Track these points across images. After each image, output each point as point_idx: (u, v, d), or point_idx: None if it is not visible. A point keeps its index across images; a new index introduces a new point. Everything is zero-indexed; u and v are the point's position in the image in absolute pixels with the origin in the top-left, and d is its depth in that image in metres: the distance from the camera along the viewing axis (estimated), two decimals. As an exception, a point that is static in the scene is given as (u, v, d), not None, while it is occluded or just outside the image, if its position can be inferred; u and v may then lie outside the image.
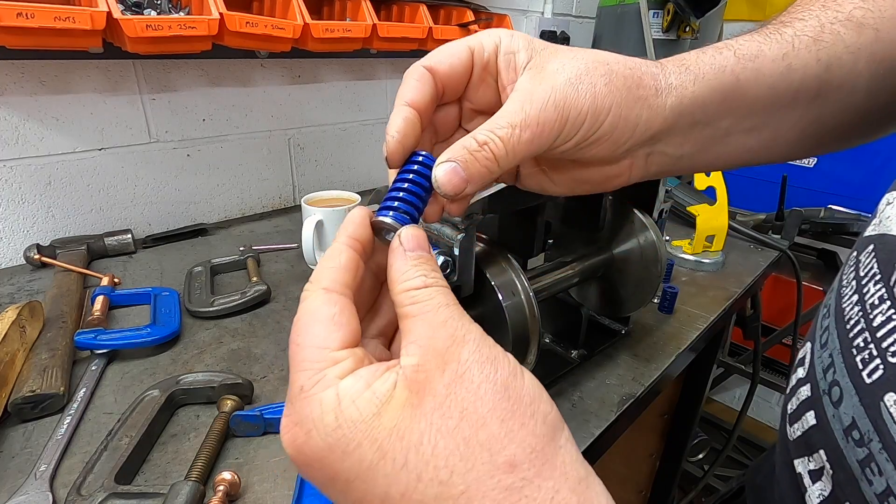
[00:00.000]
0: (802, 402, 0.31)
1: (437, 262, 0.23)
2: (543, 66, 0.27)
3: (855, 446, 0.25)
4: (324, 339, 0.21)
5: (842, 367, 0.28)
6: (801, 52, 0.31)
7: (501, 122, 0.25)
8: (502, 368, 0.20)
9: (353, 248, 0.24)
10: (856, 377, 0.26)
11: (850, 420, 0.26)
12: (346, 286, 0.22)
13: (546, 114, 0.25)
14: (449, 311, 0.21)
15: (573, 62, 0.27)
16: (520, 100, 0.26)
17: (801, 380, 0.33)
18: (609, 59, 0.28)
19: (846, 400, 0.27)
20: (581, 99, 0.26)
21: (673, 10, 1.20)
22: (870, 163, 1.20)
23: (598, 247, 0.55)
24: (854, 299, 0.28)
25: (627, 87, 0.27)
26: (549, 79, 0.26)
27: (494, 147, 0.25)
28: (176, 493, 0.36)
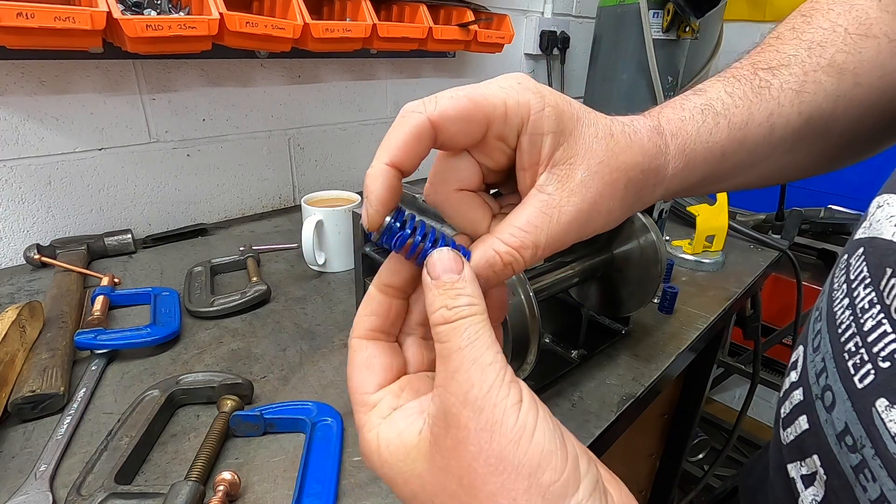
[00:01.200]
0: (795, 407, 0.31)
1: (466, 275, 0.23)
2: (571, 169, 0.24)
3: (848, 452, 0.25)
4: (361, 385, 0.24)
5: (834, 371, 0.27)
6: (784, 108, 0.32)
7: (528, 242, 0.24)
8: (501, 435, 0.19)
9: (383, 293, 0.25)
10: (848, 382, 0.26)
11: (842, 425, 0.26)
12: (375, 330, 0.25)
13: (568, 237, 0.25)
14: (461, 357, 0.21)
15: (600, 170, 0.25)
16: (547, 216, 0.24)
17: (793, 383, 0.32)
18: (630, 163, 0.26)
19: (839, 405, 0.26)
20: (599, 220, 0.26)
21: (673, 10, 1.20)
22: (870, 163, 1.19)
23: (598, 247, 0.55)
24: (845, 303, 0.28)
25: (636, 195, 0.27)
26: (577, 195, 0.24)
27: (517, 266, 0.24)
28: (176, 493, 0.36)
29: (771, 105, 0.31)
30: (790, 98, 0.32)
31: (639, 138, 0.27)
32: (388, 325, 0.25)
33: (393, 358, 0.25)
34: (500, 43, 1.14)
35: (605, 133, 0.25)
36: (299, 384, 0.52)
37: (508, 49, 1.29)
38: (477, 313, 0.22)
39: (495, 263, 0.24)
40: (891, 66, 0.32)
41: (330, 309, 0.67)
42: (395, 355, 0.25)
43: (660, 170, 0.28)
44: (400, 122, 0.23)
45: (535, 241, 0.24)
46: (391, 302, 0.25)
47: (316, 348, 0.58)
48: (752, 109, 0.31)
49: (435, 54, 1.22)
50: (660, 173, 0.28)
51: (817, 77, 0.32)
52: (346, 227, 0.74)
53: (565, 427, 0.21)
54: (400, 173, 0.24)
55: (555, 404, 0.50)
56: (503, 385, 0.20)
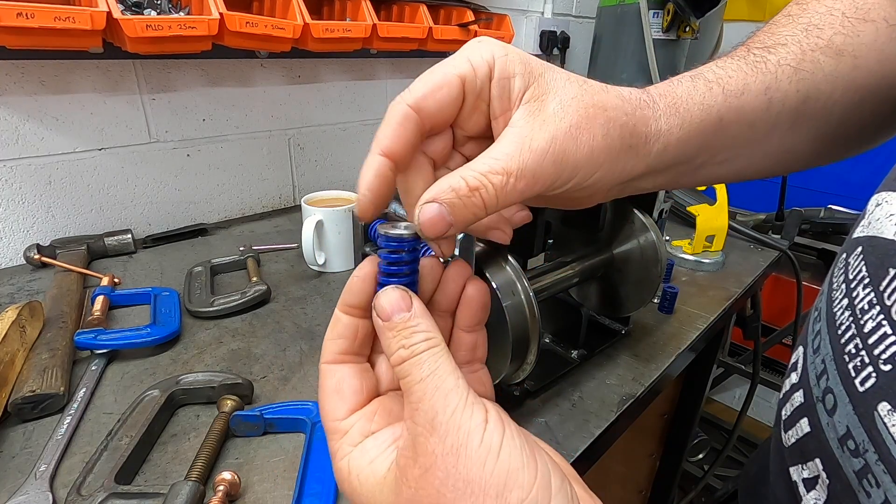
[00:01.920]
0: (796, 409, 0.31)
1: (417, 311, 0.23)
2: (543, 104, 0.24)
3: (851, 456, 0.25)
4: (332, 411, 0.24)
5: (835, 373, 0.27)
6: (782, 83, 0.31)
7: (496, 167, 0.23)
8: (467, 457, 0.19)
9: (348, 314, 0.25)
10: (849, 385, 0.25)
11: (844, 429, 0.25)
12: (343, 353, 0.25)
13: (544, 167, 0.24)
14: (423, 387, 0.21)
15: (573, 104, 0.25)
16: (517, 143, 0.24)
17: (794, 385, 0.32)
18: (607, 103, 0.26)
19: (840, 408, 0.26)
20: (579, 153, 0.25)
21: (673, 10, 1.20)
22: (870, 163, 1.20)
23: (598, 247, 0.55)
24: (844, 303, 0.28)
25: (621, 138, 0.26)
26: (550, 124, 0.24)
27: (485, 194, 0.23)
28: (176, 493, 0.36)
29: (768, 78, 0.31)
30: (787, 74, 0.31)
31: (615, 89, 0.27)
32: (357, 346, 0.25)
33: (363, 380, 0.25)
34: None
35: (576, 79, 0.26)
36: (299, 384, 0.52)
37: (508, 49, 1.29)
38: (433, 346, 0.22)
39: (459, 188, 0.23)
40: (889, 51, 0.31)
41: (330, 309, 0.67)
42: (366, 376, 0.25)
43: (649, 120, 0.27)
44: (386, 116, 0.24)
45: (506, 168, 0.23)
46: (357, 323, 0.25)
47: (316, 348, 0.58)
48: (747, 80, 0.31)
49: (435, 54, 1.22)
50: (650, 124, 0.28)
51: (815, 57, 0.31)
52: (346, 227, 0.74)
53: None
54: (392, 163, 0.24)
55: (555, 404, 0.50)
56: (466, 407, 0.20)
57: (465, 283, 0.26)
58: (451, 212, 0.23)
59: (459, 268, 0.26)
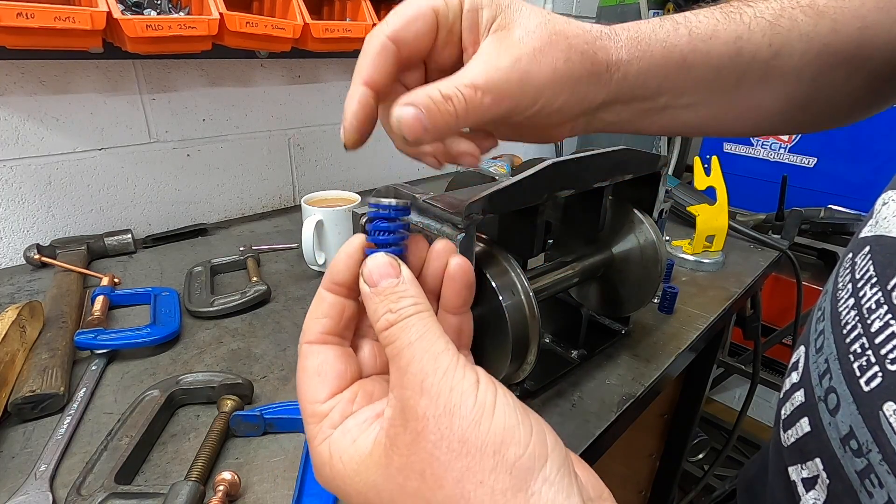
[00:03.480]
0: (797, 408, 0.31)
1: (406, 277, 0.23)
2: (509, 31, 0.26)
3: (853, 456, 0.25)
4: (312, 393, 0.23)
5: (838, 373, 0.27)
6: (754, 34, 0.31)
7: (465, 81, 0.25)
8: (461, 418, 0.19)
9: (332, 292, 0.24)
10: (853, 384, 0.25)
11: (847, 429, 0.25)
12: (326, 333, 0.24)
13: (509, 84, 0.26)
14: (412, 351, 0.20)
15: (537, 31, 0.26)
16: (484, 63, 0.26)
17: (795, 385, 0.32)
18: (569, 31, 0.28)
19: (843, 408, 0.26)
20: (542, 75, 0.26)
21: (673, 10, 1.20)
22: (870, 163, 1.20)
23: (598, 247, 0.55)
24: (850, 303, 0.28)
25: (582, 64, 0.28)
26: (515, 48, 0.26)
27: (457, 102, 0.25)
28: (176, 493, 0.36)
29: (740, 28, 0.31)
30: (762, 27, 0.31)
31: (577, 22, 0.29)
32: (341, 327, 0.24)
33: (347, 364, 0.24)
34: (500, 43, 1.14)
35: (540, 11, 0.28)
36: (299, 384, 0.52)
37: (508, 49, 1.29)
38: (422, 311, 0.22)
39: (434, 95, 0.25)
40: (871, 20, 0.31)
41: (330, 309, 0.67)
42: (350, 361, 0.24)
43: (609, 49, 0.29)
44: (364, 48, 0.26)
45: (474, 82, 0.25)
46: (343, 303, 0.24)
47: (316, 348, 0.58)
48: (717, 27, 0.31)
49: (435, 54, 1.22)
50: (610, 53, 0.29)
51: (794, 14, 0.32)
52: (346, 227, 0.74)
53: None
54: (374, 93, 0.26)
55: (555, 404, 0.50)
56: (458, 368, 0.20)
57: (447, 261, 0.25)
58: (427, 116, 0.24)
59: (444, 245, 0.25)
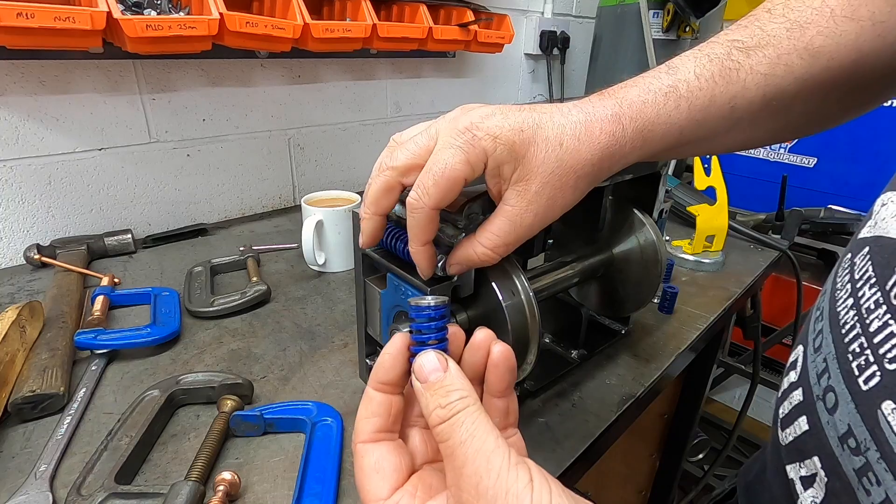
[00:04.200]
0: (795, 407, 0.31)
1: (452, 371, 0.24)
2: (528, 184, 0.30)
3: (851, 454, 0.25)
4: (375, 491, 0.24)
5: (837, 372, 0.27)
6: (749, 91, 0.33)
7: (499, 242, 0.32)
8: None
9: (379, 391, 0.26)
10: (851, 384, 0.26)
11: (845, 427, 0.25)
12: (378, 431, 0.26)
13: (530, 233, 0.32)
14: (465, 451, 0.22)
15: (551, 180, 0.30)
16: (512, 222, 0.31)
17: (793, 384, 0.32)
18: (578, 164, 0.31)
19: (841, 407, 0.26)
20: (555, 213, 0.32)
21: (673, 10, 1.20)
22: (870, 163, 1.20)
23: (598, 247, 0.55)
24: (849, 303, 0.28)
25: (589, 183, 0.32)
26: (534, 203, 0.31)
27: (490, 260, 0.32)
28: (176, 493, 0.36)
29: (736, 88, 0.33)
30: (756, 81, 0.33)
31: (589, 136, 0.31)
32: (391, 423, 0.26)
33: (401, 457, 0.25)
34: (500, 43, 1.14)
35: (554, 146, 0.30)
36: (299, 384, 0.52)
37: (508, 49, 1.29)
38: (469, 405, 0.23)
39: (472, 259, 0.33)
40: (867, 49, 0.32)
41: (330, 309, 0.67)
42: (403, 454, 0.26)
43: (615, 154, 0.32)
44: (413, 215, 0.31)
45: (506, 242, 0.32)
46: (391, 399, 0.26)
47: (316, 348, 0.58)
48: (714, 92, 0.33)
49: (435, 54, 1.22)
50: (615, 156, 0.32)
51: (789, 60, 0.32)
52: (346, 227, 0.74)
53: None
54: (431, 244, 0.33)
55: (555, 404, 0.50)
56: (510, 469, 0.21)
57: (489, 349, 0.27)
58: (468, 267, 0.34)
59: (485, 335, 0.27)
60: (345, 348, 0.59)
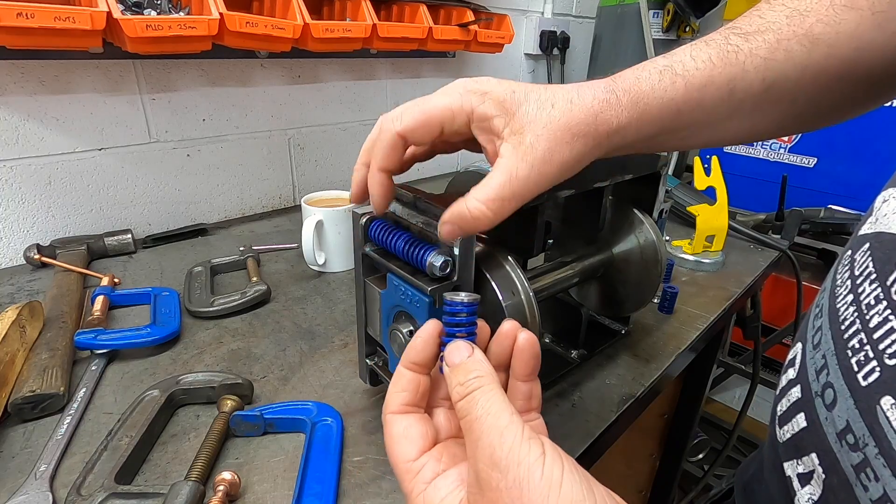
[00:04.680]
0: (793, 404, 0.31)
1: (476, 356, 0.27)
2: (521, 137, 0.30)
3: (850, 451, 0.25)
4: (404, 454, 0.27)
5: (836, 368, 0.27)
6: (748, 73, 0.33)
7: (492, 195, 0.30)
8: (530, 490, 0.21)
9: (409, 370, 0.29)
10: (851, 379, 0.26)
11: (844, 423, 0.25)
12: (407, 404, 0.28)
13: (527, 188, 0.31)
14: (480, 425, 0.24)
15: (545, 132, 0.30)
16: (507, 175, 0.30)
17: (791, 381, 0.32)
18: (572, 122, 0.31)
19: (840, 402, 0.26)
20: (553, 170, 0.31)
21: (673, 10, 1.20)
22: (870, 163, 1.19)
23: (598, 247, 0.55)
24: (849, 299, 0.28)
25: (585, 145, 0.31)
26: (529, 154, 0.30)
27: (485, 219, 0.31)
28: (176, 493, 0.36)
29: (734, 70, 0.32)
30: (756, 64, 0.32)
31: (581, 101, 0.31)
32: (418, 398, 0.29)
33: (427, 427, 0.28)
34: (500, 43, 1.14)
35: (546, 106, 0.31)
36: (299, 384, 0.52)
37: (508, 49, 1.29)
38: (486, 383, 0.25)
39: (464, 214, 0.31)
40: (867, 39, 0.32)
41: (330, 309, 0.67)
42: (428, 424, 0.28)
43: (611, 120, 0.32)
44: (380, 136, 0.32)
45: (500, 195, 0.30)
46: (419, 378, 0.29)
47: (316, 348, 0.58)
48: (712, 73, 0.33)
49: (435, 54, 1.22)
50: (610, 123, 0.32)
51: (789, 46, 0.32)
52: (346, 227, 0.74)
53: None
54: (389, 174, 0.34)
55: (555, 404, 0.50)
56: (523, 442, 0.22)
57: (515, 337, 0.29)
58: (462, 228, 0.31)
59: (511, 325, 0.30)
60: (345, 348, 0.59)
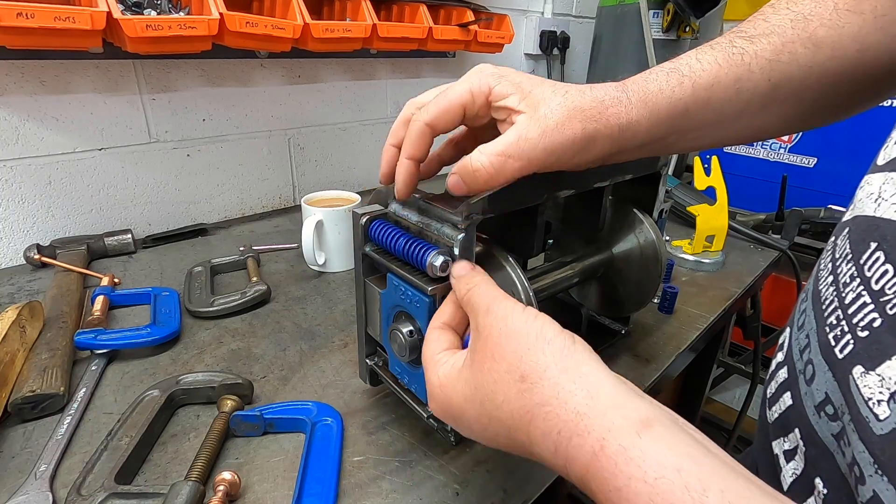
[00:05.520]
0: (780, 385, 0.32)
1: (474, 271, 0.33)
2: (536, 109, 0.32)
3: (829, 421, 0.26)
4: (432, 349, 0.33)
5: (815, 345, 0.28)
6: (754, 74, 0.34)
7: (498, 149, 0.32)
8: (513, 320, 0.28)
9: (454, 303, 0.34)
10: (828, 354, 0.27)
11: (822, 395, 0.27)
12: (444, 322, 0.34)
13: (535, 151, 0.32)
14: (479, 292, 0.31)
15: (559, 108, 0.32)
16: (517, 135, 0.32)
17: (779, 363, 0.33)
18: (584, 104, 0.32)
19: (818, 376, 0.27)
20: (564, 141, 0.32)
21: (673, 10, 1.20)
22: (870, 163, 1.19)
23: (598, 247, 0.55)
24: (829, 280, 0.30)
25: (597, 129, 0.32)
26: (542, 121, 0.32)
27: (485, 172, 0.32)
28: (176, 493, 0.36)
29: (740, 70, 0.33)
30: (761, 65, 0.33)
31: (593, 93, 0.33)
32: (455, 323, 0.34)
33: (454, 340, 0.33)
34: (500, 43, 1.14)
35: (560, 90, 0.33)
36: (299, 384, 0.52)
37: (508, 49, 1.29)
38: (484, 282, 0.32)
39: (468, 167, 0.32)
40: (871, 41, 0.33)
41: (330, 309, 0.67)
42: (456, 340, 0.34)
43: (621, 114, 0.33)
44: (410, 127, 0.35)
45: (504, 151, 0.32)
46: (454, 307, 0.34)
47: (316, 348, 0.58)
48: (718, 73, 0.34)
49: (435, 54, 1.22)
50: (621, 116, 0.33)
51: (794, 48, 0.33)
52: (346, 227, 0.74)
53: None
54: (416, 162, 0.36)
55: (555, 404, 0.50)
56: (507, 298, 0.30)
57: None
58: (465, 181, 0.33)
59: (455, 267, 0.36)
60: (345, 348, 0.59)
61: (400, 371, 0.42)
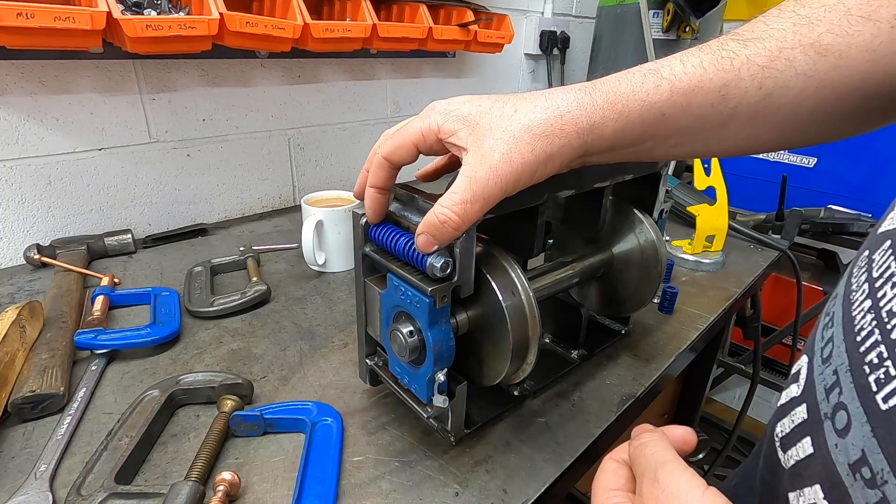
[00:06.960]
0: (798, 426, 0.28)
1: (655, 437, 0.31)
2: (481, 144, 0.32)
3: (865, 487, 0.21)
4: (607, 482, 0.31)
5: (850, 387, 0.23)
6: (743, 81, 0.31)
7: (455, 199, 0.32)
8: None
9: None
10: (868, 401, 0.22)
11: (858, 454, 0.22)
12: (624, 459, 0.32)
13: (488, 188, 0.32)
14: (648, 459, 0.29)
15: (504, 136, 0.32)
16: (467, 178, 0.32)
17: (794, 398, 0.29)
18: (533, 122, 0.32)
19: (855, 428, 0.22)
20: (514, 170, 0.32)
21: (673, 10, 1.20)
22: (870, 163, 1.19)
23: (598, 247, 0.55)
24: (866, 305, 0.24)
25: (550, 145, 0.32)
26: (487, 158, 0.32)
27: (451, 223, 0.33)
28: (176, 493, 0.36)
29: (727, 76, 0.31)
30: (752, 72, 0.31)
31: (548, 103, 0.32)
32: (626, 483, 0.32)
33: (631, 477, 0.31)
34: (500, 43, 1.14)
35: (509, 111, 0.33)
36: (299, 384, 0.52)
37: (508, 49, 1.29)
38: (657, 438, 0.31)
39: (433, 224, 0.33)
40: (883, 52, 0.29)
41: (330, 309, 0.67)
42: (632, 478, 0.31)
43: (580, 119, 0.32)
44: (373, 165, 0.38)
45: (462, 198, 0.32)
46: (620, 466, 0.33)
47: (316, 348, 0.58)
48: (702, 78, 0.32)
49: (435, 54, 1.22)
50: (579, 121, 0.32)
51: (792, 55, 0.30)
52: (346, 227, 0.74)
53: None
54: (382, 189, 0.39)
55: (555, 404, 0.50)
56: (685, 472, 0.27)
57: None
58: (434, 236, 0.34)
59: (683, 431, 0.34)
60: (345, 348, 0.59)
61: (400, 371, 0.42)
